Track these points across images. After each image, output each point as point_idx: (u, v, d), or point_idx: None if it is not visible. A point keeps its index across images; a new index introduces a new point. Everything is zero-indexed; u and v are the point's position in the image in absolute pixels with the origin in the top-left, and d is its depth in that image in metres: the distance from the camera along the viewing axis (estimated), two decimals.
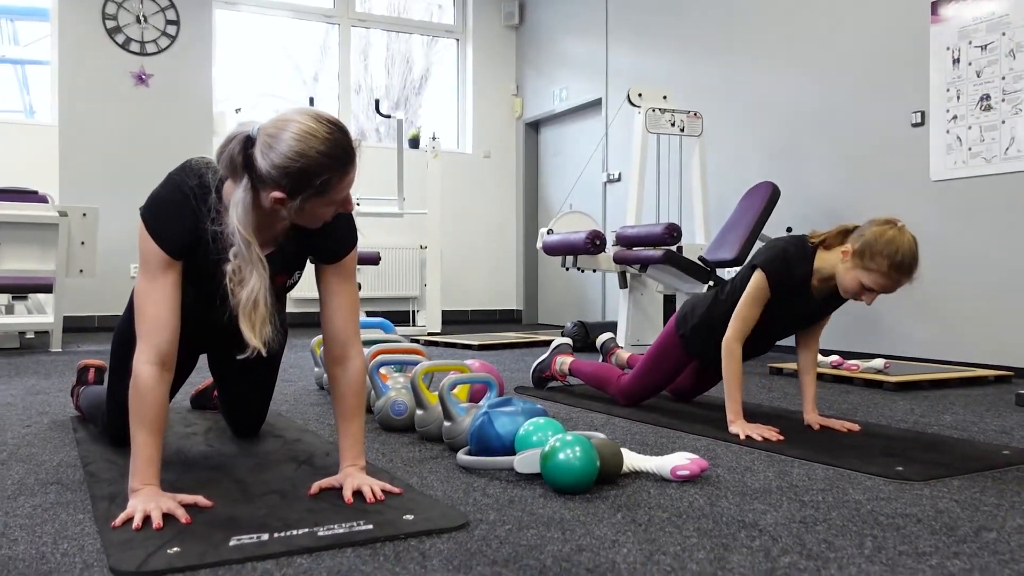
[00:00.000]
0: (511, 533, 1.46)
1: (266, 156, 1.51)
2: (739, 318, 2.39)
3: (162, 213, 1.64)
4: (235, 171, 1.57)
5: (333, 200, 1.58)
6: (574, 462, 1.71)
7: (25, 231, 4.71)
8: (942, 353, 4.17)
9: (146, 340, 1.58)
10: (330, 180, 1.54)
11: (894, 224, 2.19)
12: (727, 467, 1.98)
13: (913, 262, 2.17)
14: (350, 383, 1.75)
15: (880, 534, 1.47)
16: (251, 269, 1.57)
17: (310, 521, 1.49)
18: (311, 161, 1.51)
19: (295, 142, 1.50)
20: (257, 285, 1.57)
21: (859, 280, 2.20)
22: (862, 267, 2.18)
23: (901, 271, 2.16)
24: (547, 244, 4.75)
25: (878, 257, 2.15)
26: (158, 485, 1.56)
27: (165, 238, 1.62)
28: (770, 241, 2.45)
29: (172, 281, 1.62)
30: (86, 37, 6.63)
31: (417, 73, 8.34)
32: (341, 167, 1.55)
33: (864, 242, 2.18)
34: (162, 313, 1.59)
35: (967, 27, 4.05)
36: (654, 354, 2.75)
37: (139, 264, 1.64)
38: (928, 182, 4.25)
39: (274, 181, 1.52)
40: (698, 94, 5.62)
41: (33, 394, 3.16)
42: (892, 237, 2.16)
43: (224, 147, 1.57)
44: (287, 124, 1.52)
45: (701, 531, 1.48)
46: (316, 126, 1.52)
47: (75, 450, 2.14)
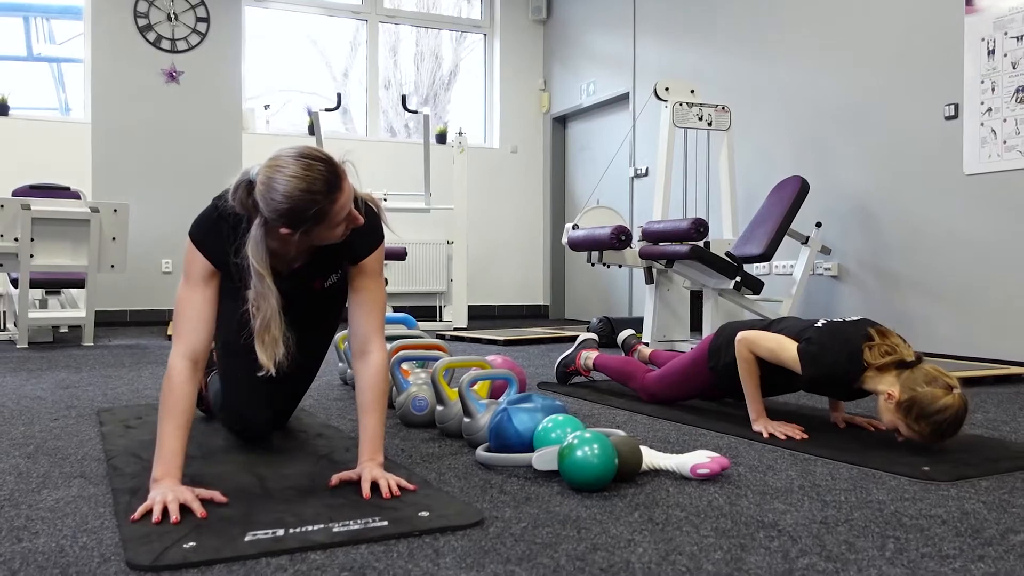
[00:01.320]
0: (526, 531, 1.45)
1: (264, 201, 1.64)
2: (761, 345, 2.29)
3: (205, 229, 1.77)
4: (248, 211, 1.70)
5: (333, 223, 1.69)
6: (592, 460, 1.69)
7: (58, 227, 4.78)
8: (975, 350, 4.09)
9: (183, 338, 1.70)
10: (322, 209, 1.65)
11: (949, 388, 2.01)
12: (749, 466, 1.96)
13: (956, 431, 2.03)
14: (370, 377, 1.80)
15: (903, 535, 1.44)
16: (263, 299, 1.68)
17: (326, 517, 1.49)
18: (299, 200, 1.62)
19: (282, 186, 1.62)
20: (269, 313, 1.69)
21: (896, 426, 2.08)
22: (904, 422, 2.04)
23: (942, 439, 2.04)
24: (572, 239, 4.73)
25: (923, 422, 2.01)
26: (179, 478, 1.59)
27: (207, 251, 1.75)
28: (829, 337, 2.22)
29: (212, 289, 1.75)
30: (118, 35, 6.72)
31: (446, 69, 8.35)
32: (328, 196, 1.65)
33: (913, 399, 2.02)
34: (200, 315, 1.73)
35: (1003, 18, 3.96)
36: (683, 373, 2.69)
37: (182, 277, 1.77)
38: (961, 176, 4.16)
39: (275, 221, 1.66)
40: (726, 88, 5.56)
41: (63, 388, 3.20)
42: (943, 407, 1.99)
43: (235, 192, 1.70)
44: (276, 170, 1.64)
45: (719, 531, 1.46)
46: (297, 167, 1.63)
47: (100, 444, 2.17)
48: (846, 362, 2.14)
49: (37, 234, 4.71)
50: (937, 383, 2.03)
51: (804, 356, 2.19)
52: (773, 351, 2.27)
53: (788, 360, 2.22)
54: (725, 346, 2.47)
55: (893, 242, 4.54)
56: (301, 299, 1.90)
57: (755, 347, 2.31)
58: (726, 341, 2.47)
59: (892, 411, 2.08)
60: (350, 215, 1.71)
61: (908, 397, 2.03)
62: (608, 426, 2.46)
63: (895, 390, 2.06)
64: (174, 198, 6.66)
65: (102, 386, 3.26)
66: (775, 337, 2.30)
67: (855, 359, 2.14)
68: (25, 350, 4.68)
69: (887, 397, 2.08)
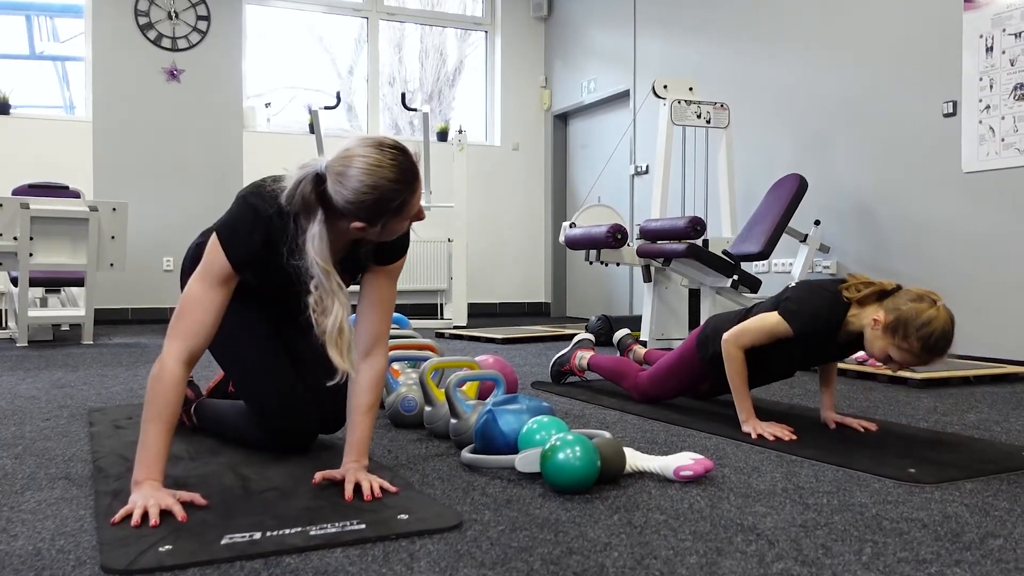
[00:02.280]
0: (503, 534, 1.45)
1: (339, 192, 1.59)
2: (745, 332, 2.30)
3: (238, 229, 1.70)
4: (309, 207, 1.63)
5: (408, 215, 1.66)
6: (574, 462, 1.69)
7: (57, 226, 4.80)
8: (973, 349, 4.08)
9: (181, 339, 1.63)
10: (404, 201, 1.62)
11: (932, 302, 2.07)
12: (734, 467, 1.95)
13: (947, 345, 2.05)
14: (371, 380, 1.78)
15: (881, 540, 1.44)
16: (332, 299, 1.63)
17: (304, 520, 1.49)
18: (384, 191, 1.58)
19: (365, 176, 1.57)
20: (340, 313, 1.63)
21: (887, 352, 2.10)
22: (893, 343, 2.07)
23: (933, 353, 2.06)
24: (569, 238, 4.73)
25: (911, 338, 2.04)
26: (161, 481, 1.58)
27: (235, 252, 1.68)
28: (805, 291, 2.29)
29: (225, 294, 1.69)
30: (119, 33, 6.74)
31: (451, 65, 8.34)
32: (410, 188, 1.62)
33: (898, 318, 2.06)
34: (206, 320, 1.66)
35: (1001, 14, 3.94)
36: (672, 367, 2.70)
37: (199, 272, 1.69)
38: (960, 173, 4.15)
39: (352, 214, 1.60)
40: (726, 85, 5.55)
41: (58, 387, 3.21)
42: (929, 319, 2.04)
43: (295, 188, 1.63)
44: (352, 159, 1.59)
45: (696, 534, 1.46)
46: (380, 156, 1.58)
47: (88, 444, 2.17)
48: (828, 305, 2.21)
49: (36, 233, 4.72)
50: (922, 300, 2.08)
51: (786, 315, 2.23)
52: (758, 331, 2.29)
53: (774, 329, 2.25)
54: (712, 336, 2.49)
55: (892, 240, 4.53)
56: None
57: (740, 339, 2.31)
58: (712, 330, 2.50)
59: (880, 336, 2.12)
60: (420, 210, 1.69)
61: (893, 317, 2.08)
62: (597, 426, 2.46)
63: (880, 315, 2.11)
64: (175, 196, 6.68)
65: (97, 385, 3.27)
66: (755, 320, 2.32)
67: (835, 300, 2.21)
68: (25, 348, 4.70)
69: (873, 324, 2.13)
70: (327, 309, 1.63)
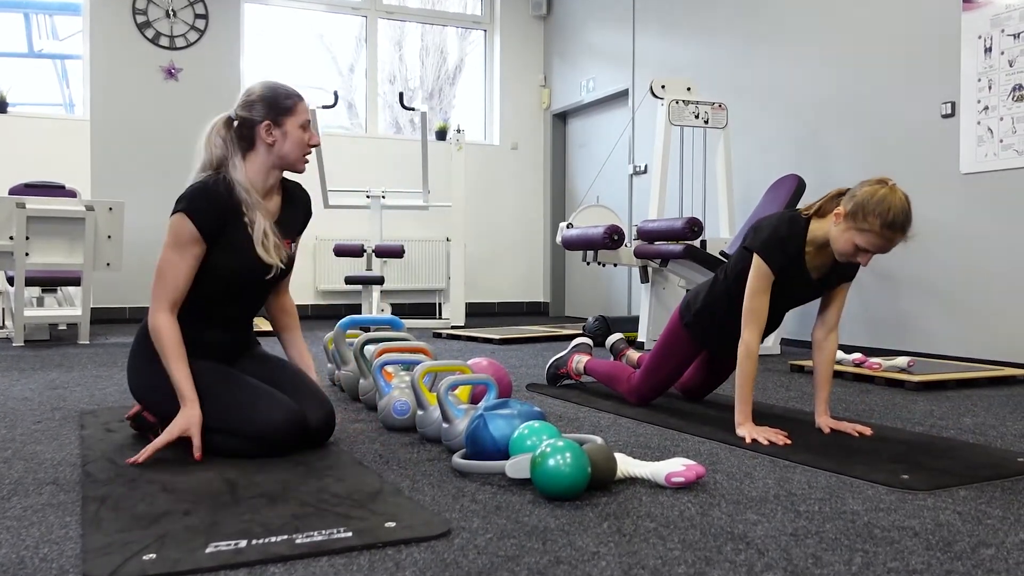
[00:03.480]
0: (491, 543, 1.44)
1: (247, 106, 2.13)
2: (751, 312, 2.34)
3: (198, 197, 2.09)
4: (225, 149, 2.13)
5: (302, 122, 2.15)
6: (564, 469, 1.68)
7: (53, 225, 4.79)
8: (971, 351, 4.06)
9: (163, 297, 2.05)
10: (296, 104, 2.15)
11: (885, 183, 2.16)
12: (726, 473, 1.94)
13: (906, 220, 2.14)
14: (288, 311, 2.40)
15: (872, 549, 1.42)
16: (255, 211, 2.12)
17: (291, 527, 1.48)
18: (278, 90, 2.15)
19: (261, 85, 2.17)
20: (262, 222, 2.12)
21: (853, 241, 2.18)
22: (855, 228, 2.16)
23: (894, 229, 2.13)
24: (566, 238, 4.71)
25: (870, 216, 2.12)
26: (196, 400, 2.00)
27: (199, 217, 2.06)
28: (761, 220, 2.41)
29: (194, 255, 2.07)
30: (117, 32, 6.72)
31: (451, 64, 8.32)
32: (300, 96, 2.18)
33: (856, 202, 2.16)
34: (180, 279, 2.06)
35: (1000, 15, 3.92)
36: (660, 348, 2.72)
37: (167, 245, 2.08)
38: (958, 175, 4.13)
39: (260, 116, 2.11)
40: (725, 84, 5.53)
41: (51, 388, 3.20)
42: (883, 196, 2.12)
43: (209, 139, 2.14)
44: (251, 87, 2.17)
45: (686, 543, 1.45)
46: (269, 79, 2.21)
47: (78, 448, 2.16)
48: (786, 223, 2.32)
49: (32, 232, 4.71)
50: (871, 182, 2.18)
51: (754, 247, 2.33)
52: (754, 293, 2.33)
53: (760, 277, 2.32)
54: (692, 300, 2.61)
55: None
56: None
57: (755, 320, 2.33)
58: (693, 296, 2.62)
59: (843, 227, 2.20)
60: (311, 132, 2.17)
61: (851, 204, 2.17)
62: (591, 430, 2.45)
63: (839, 209, 2.20)
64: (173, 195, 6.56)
65: (91, 387, 3.26)
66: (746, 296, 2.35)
67: (793, 217, 2.33)
68: (21, 348, 4.68)
69: (835, 219, 2.22)
70: (253, 220, 2.11)
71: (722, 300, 2.51)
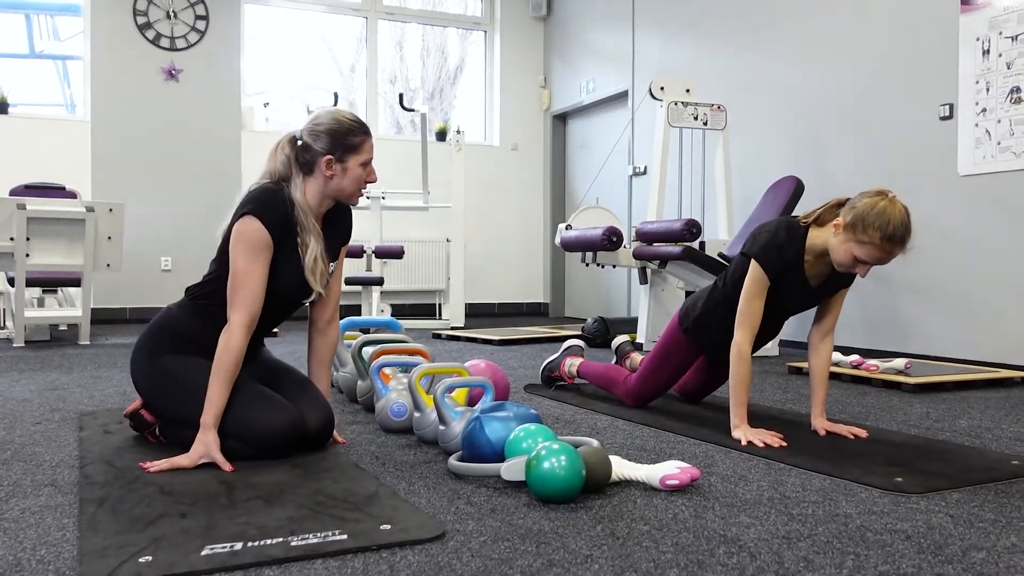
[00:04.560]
0: (485, 545, 1.45)
1: (310, 132, 2.12)
2: (745, 315, 2.36)
3: (266, 201, 2.08)
4: (289, 167, 2.13)
5: (364, 159, 2.15)
6: (559, 471, 1.69)
7: (53, 226, 4.80)
8: (969, 353, 4.07)
9: (244, 309, 2.03)
10: (361, 141, 2.14)
11: (885, 195, 2.16)
12: (721, 475, 1.95)
13: (905, 232, 2.14)
14: (330, 347, 2.35)
15: (863, 552, 1.43)
16: (310, 236, 2.13)
17: (287, 530, 1.49)
18: (344, 124, 2.13)
19: (331, 114, 2.15)
20: (316, 248, 2.14)
21: (852, 253, 2.18)
22: (855, 240, 2.16)
23: (894, 242, 2.13)
24: (565, 240, 4.72)
25: (870, 229, 2.12)
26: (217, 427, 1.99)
27: (269, 219, 2.05)
28: (760, 227, 2.41)
29: (267, 261, 2.07)
30: (117, 33, 6.73)
31: (453, 64, 8.32)
32: (365, 131, 2.17)
33: (855, 214, 2.15)
34: (258, 288, 2.05)
35: (998, 17, 3.93)
36: (659, 352, 2.72)
37: (239, 250, 2.04)
38: (956, 177, 4.14)
39: (323, 148, 2.10)
40: (724, 86, 5.54)
41: (51, 389, 3.22)
42: (883, 208, 2.12)
43: (274, 153, 2.15)
44: (321, 114, 2.15)
45: (679, 546, 1.46)
46: (343, 111, 2.19)
47: (77, 450, 2.17)
48: (784, 229, 2.31)
49: (32, 233, 4.72)
50: (871, 194, 2.17)
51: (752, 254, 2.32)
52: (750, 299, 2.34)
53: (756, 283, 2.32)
54: (691, 307, 2.61)
55: None
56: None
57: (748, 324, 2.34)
58: (691, 303, 2.61)
59: (842, 239, 2.20)
60: (372, 167, 2.17)
61: (851, 215, 2.16)
62: (588, 432, 2.46)
63: (838, 220, 2.20)
64: (173, 196, 6.68)
65: (90, 388, 3.27)
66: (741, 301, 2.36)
67: (792, 225, 2.32)
68: (21, 349, 4.70)
69: (835, 230, 2.21)
70: (307, 244, 2.12)
71: (721, 307, 2.52)
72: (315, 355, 2.34)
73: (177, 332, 2.16)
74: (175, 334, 2.16)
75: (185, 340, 2.15)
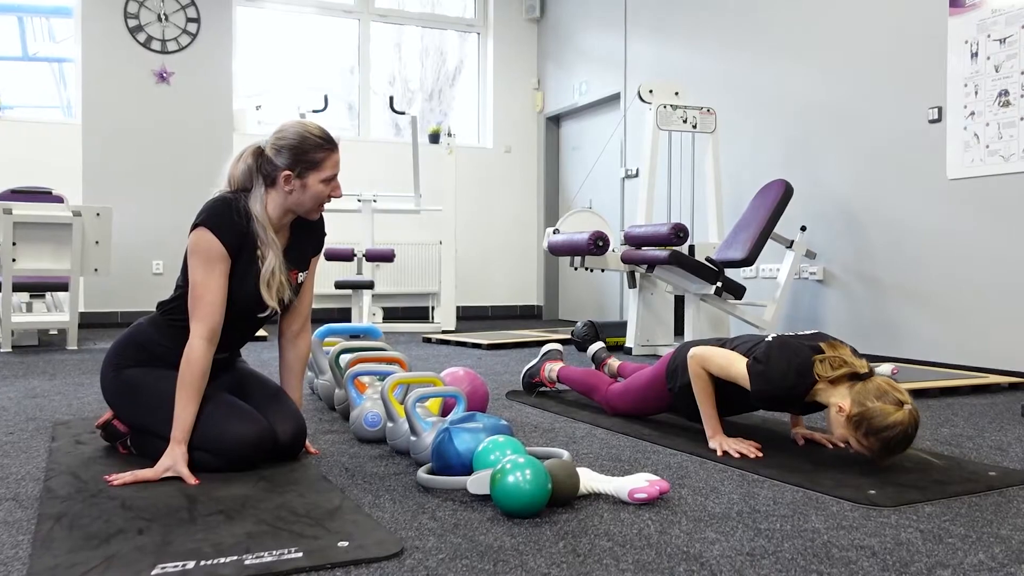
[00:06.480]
0: (442, 564, 1.43)
1: (275, 147, 2.06)
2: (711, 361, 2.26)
3: (220, 213, 2.04)
4: (250, 177, 2.09)
5: (326, 175, 2.08)
6: (523, 485, 1.67)
7: (40, 231, 4.78)
8: (956, 357, 4.04)
9: (203, 321, 2.00)
10: (324, 158, 2.08)
11: (899, 404, 1.97)
12: (693, 487, 1.93)
13: (906, 447, 2.00)
14: (302, 356, 2.32)
15: (827, 570, 1.41)
16: (268, 249, 2.08)
17: (242, 547, 1.47)
18: (309, 139, 2.06)
19: (296, 127, 2.09)
20: (273, 261, 2.09)
21: (846, 439, 2.06)
22: (854, 436, 2.02)
23: (891, 454, 2.01)
24: (552, 244, 4.70)
25: (872, 437, 1.98)
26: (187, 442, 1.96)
27: (223, 234, 2.02)
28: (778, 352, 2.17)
29: (223, 273, 2.03)
30: (108, 35, 6.72)
31: (451, 65, 8.28)
32: (330, 146, 2.09)
33: (863, 414, 1.99)
34: (215, 300, 2.02)
35: (986, 19, 3.90)
36: (643, 391, 2.65)
37: (195, 262, 2.02)
38: (944, 180, 4.11)
39: (283, 163, 2.05)
40: (715, 89, 5.51)
41: (31, 397, 3.20)
42: (892, 423, 1.96)
43: (236, 162, 2.11)
44: (287, 126, 2.09)
45: (639, 564, 1.43)
46: (310, 124, 2.11)
47: (46, 461, 2.15)
48: (795, 376, 2.11)
49: (19, 238, 4.71)
50: (888, 398, 1.99)
51: (752, 373, 2.16)
52: (723, 367, 2.24)
53: (738, 376, 2.19)
54: (681, 367, 2.42)
55: (877, 246, 4.49)
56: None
57: (706, 363, 2.28)
58: (682, 362, 2.42)
59: (843, 425, 2.05)
60: (336, 183, 2.11)
61: (858, 412, 2.00)
62: (565, 440, 2.44)
63: (846, 403, 2.04)
64: (165, 199, 6.66)
65: (70, 395, 3.25)
66: (726, 353, 2.27)
67: (805, 372, 2.11)
68: (8, 354, 4.68)
69: (838, 410, 2.06)
70: (264, 257, 2.08)
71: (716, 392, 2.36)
72: (286, 365, 2.32)
73: (144, 347, 2.14)
74: (142, 349, 2.14)
75: (152, 356, 2.13)
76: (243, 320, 2.16)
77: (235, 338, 2.21)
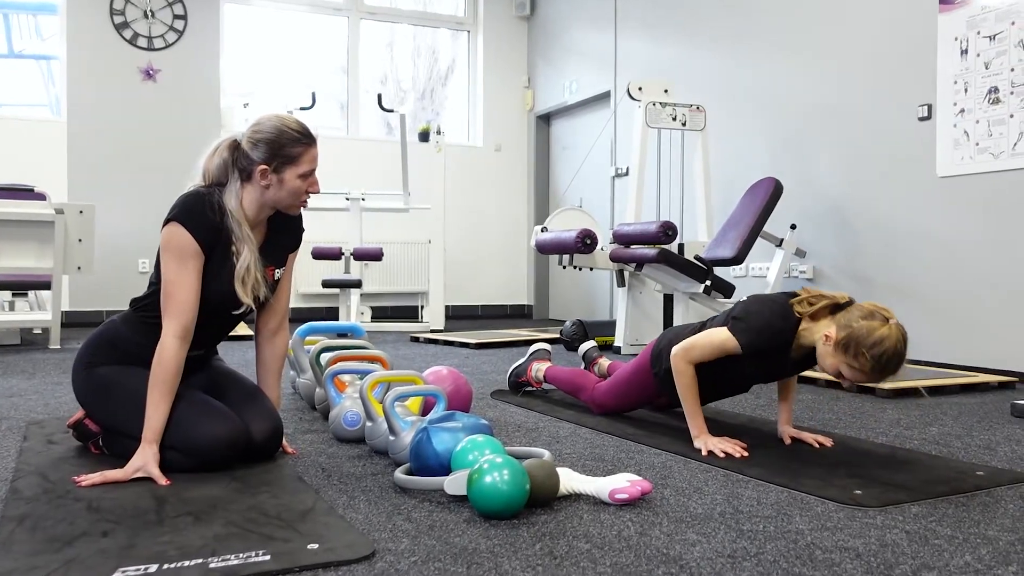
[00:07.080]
0: (413, 567, 1.38)
1: (252, 141, 2.00)
2: (694, 347, 2.23)
3: (193, 208, 1.99)
4: (225, 171, 2.03)
5: (303, 171, 2.03)
6: (500, 486, 1.62)
7: (22, 229, 4.72)
8: (946, 356, 4.02)
9: (175, 318, 1.95)
10: (301, 152, 2.02)
11: (885, 320, 1.99)
12: (676, 488, 1.89)
13: (899, 363, 1.99)
14: (280, 354, 2.28)
15: (810, 573, 1.37)
16: (243, 245, 2.03)
17: (209, 550, 1.43)
18: (286, 133, 2.01)
19: (274, 120, 2.02)
20: (248, 257, 2.03)
21: (839, 368, 2.05)
22: (844, 360, 2.01)
23: (884, 372, 2.00)
24: (540, 243, 4.66)
25: (862, 356, 1.97)
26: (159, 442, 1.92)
27: (196, 230, 1.97)
28: (755, 304, 2.22)
29: (196, 269, 1.98)
30: (94, 32, 6.65)
31: (444, 64, 8.23)
32: (308, 140, 2.04)
33: (850, 335, 1.99)
34: (188, 297, 1.97)
35: (976, 16, 3.88)
36: (628, 381, 2.63)
37: (167, 258, 1.98)
38: (935, 178, 4.08)
39: (260, 157, 1.99)
40: (705, 87, 5.48)
41: (7, 396, 3.14)
42: (880, 338, 1.96)
43: (212, 155, 2.05)
44: (264, 119, 2.03)
45: (617, 567, 1.39)
46: (287, 117, 2.05)
47: (15, 461, 2.10)
48: (779, 319, 2.14)
49: (0, 236, 4.64)
50: (873, 316, 2.01)
51: (736, 331, 2.17)
52: (707, 346, 2.23)
53: (724, 344, 2.19)
54: (665, 350, 2.39)
55: (867, 245, 4.46)
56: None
57: (689, 354, 2.24)
58: (666, 344, 2.40)
59: (831, 353, 2.07)
60: (314, 179, 2.06)
61: (845, 334, 2.02)
62: (548, 440, 2.40)
63: (832, 331, 2.05)
64: (151, 197, 6.58)
65: (47, 395, 3.20)
66: (704, 335, 2.26)
67: (786, 315, 2.14)
68: None
69: (825, 340, 2.07)
70: (239, 253, 2.02)
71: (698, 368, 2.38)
72: (263, 364, 2.27)
73: (117, 345, 2.10)
74: (114, 346, 2.09)
75: (125, 354, 2.08)
76: (218, 317, 2.11)
77: (210, 336, 2.16)
